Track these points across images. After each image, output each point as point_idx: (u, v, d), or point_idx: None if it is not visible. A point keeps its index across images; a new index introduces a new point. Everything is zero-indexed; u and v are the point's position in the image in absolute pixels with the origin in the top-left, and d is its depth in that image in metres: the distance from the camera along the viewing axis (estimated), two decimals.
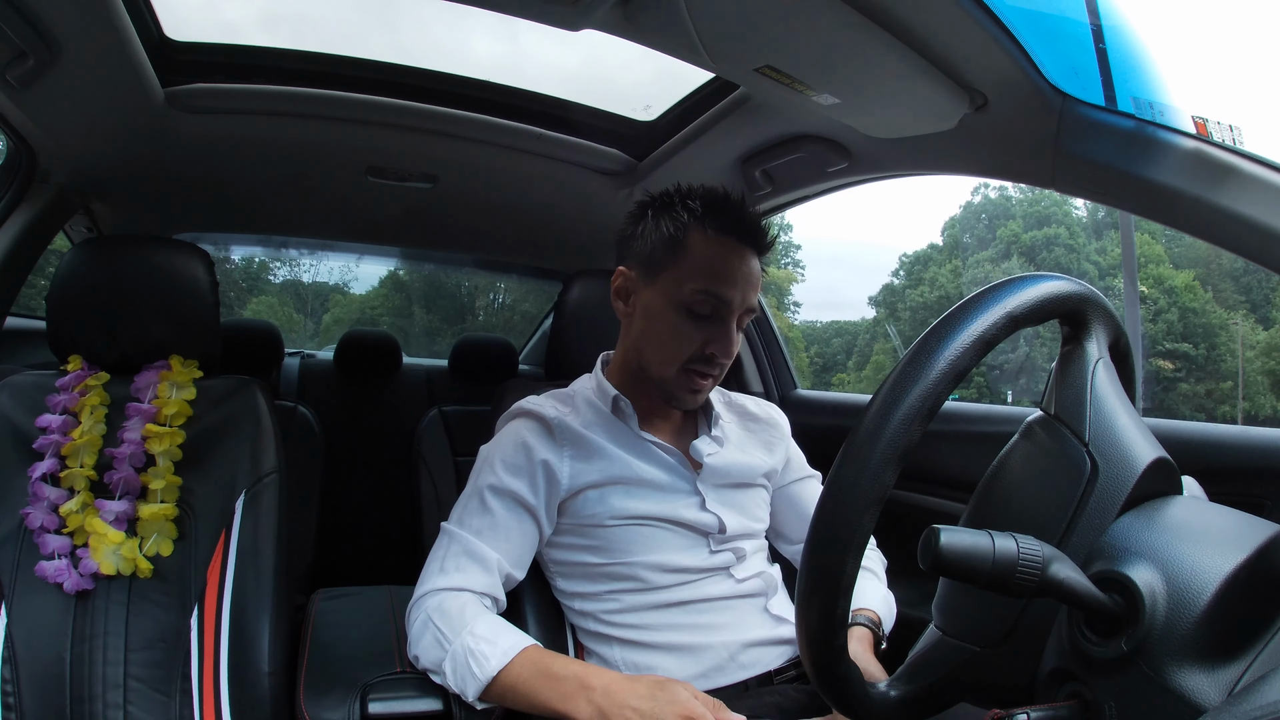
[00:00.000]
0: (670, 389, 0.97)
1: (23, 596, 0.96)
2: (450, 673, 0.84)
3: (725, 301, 0.93)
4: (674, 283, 0.93)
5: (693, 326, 0.93)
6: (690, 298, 0.92)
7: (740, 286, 0.93)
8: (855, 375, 18.10)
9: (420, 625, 0.88)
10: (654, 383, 0.98)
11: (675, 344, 0.94)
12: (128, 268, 1.10)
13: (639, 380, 1.01)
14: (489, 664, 0.82)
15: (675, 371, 0.95)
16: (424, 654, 0.87)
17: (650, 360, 0.97)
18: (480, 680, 0.82)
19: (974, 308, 0.50)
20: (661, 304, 0.95)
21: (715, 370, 0.96)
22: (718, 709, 0.76)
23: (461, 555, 0.91)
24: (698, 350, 0.94)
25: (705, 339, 0.93)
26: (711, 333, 0.93)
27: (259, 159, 1.43)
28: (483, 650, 0.83)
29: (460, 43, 1.35)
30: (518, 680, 0.81)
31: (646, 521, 0.95)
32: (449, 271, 6.41)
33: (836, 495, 0.48)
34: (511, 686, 0.81)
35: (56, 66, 0.99)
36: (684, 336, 0.93)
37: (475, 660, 0.83)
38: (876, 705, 0.54)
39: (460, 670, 0.83)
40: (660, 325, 0.95)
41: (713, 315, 0.93)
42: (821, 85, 0.90)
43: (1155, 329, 14.67)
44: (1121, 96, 0.76)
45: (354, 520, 2.05)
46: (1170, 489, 0.54)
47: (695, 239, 0.94)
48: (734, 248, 0.94)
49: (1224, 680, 0.42)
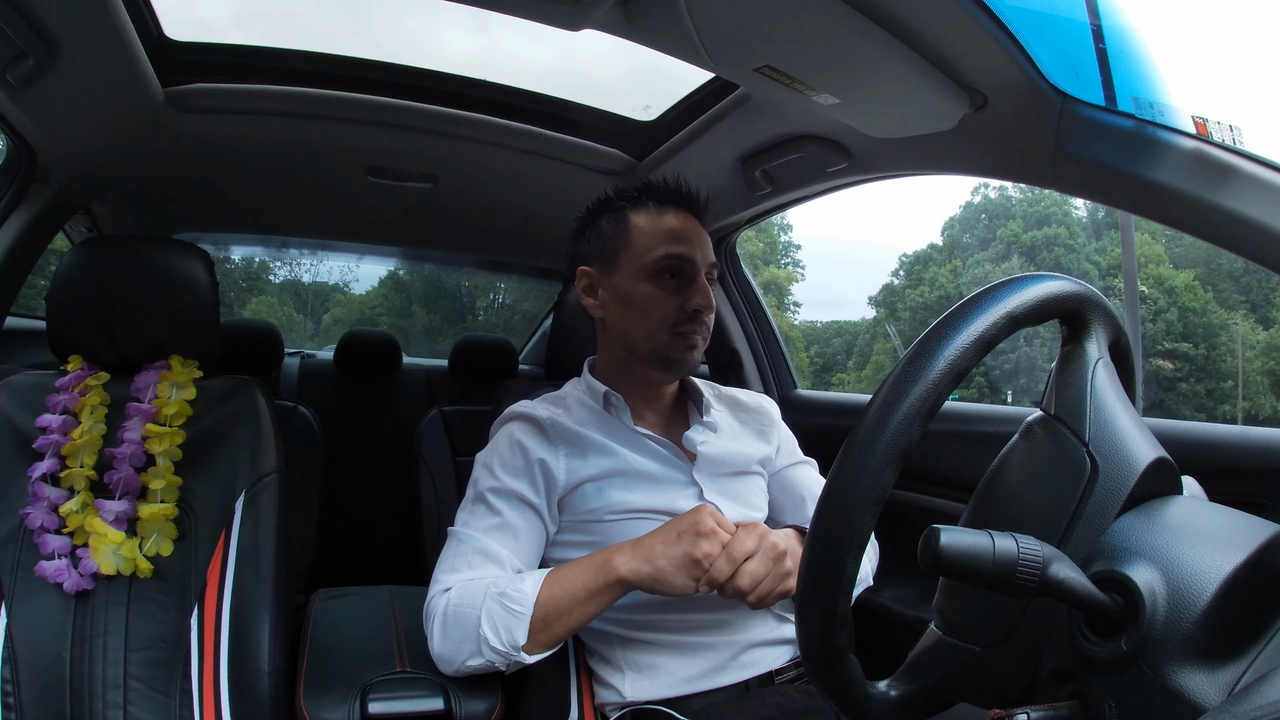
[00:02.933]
0: (666, 354, 0.98)
1: (23, 596, 0.96)
2: (491, 631, 0.83)
3: (689, 259, 0.97)
4: (635, 259, 0.98)
5: (668, 290, 0.97)
6: (656, 265, 0.97)
7: (696, 244, 0.99)
8: (855, 375, 18.11)
9: (440, 617, 0.87)
10: (648, 358, 0.99)
11: (658, 311, 0.97)
12: (128, 268, 1.10)
13: (628, 372, 1.02)
14: (525, 595, 0.84)
15: (666, 336, 0.97)
16: (454, 638, 0.86)
17: (638, 337, 0.99)
18: (525, 612, 0.83)
19: (974, 308, 0.50)
20: (630, 282, 0.98)
21: (701, 327, 0.98)
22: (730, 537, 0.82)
23: (473, 554, 0.91)
24: (680, 310, 0.97)
25: (684, 298, 0.97)
26: (687, 291, 0.97)
27: (259, 159, 1.43)
28: (515, 587, 0.85)
29: (432, 38, 1.36)
30: (556, 591, 0.84)
31: (645, 515, 0.95)
32: (449, 271, 6.41)
33: (836, 495, 0.48)
34: (553, 601, 0.84)
35: (56, 66, 0.99)
36: (663, 301, 0.97)
37: (510, 599, 0.84)
38: (876, 705, 0.54)
39: (501, 618, 0.83)
40: (637, 301, 0.98)
41: (682, 274, 0.97)
42: (821, 85, 0.90)
43: (1155, 329, 14.67)
44: (1121, 96, 0.76)
45: (354, 520, 2.05)
46: (1170, 489, 0.54)
47: (639, 218, 1.00)
48: (676, 213, 1.00)
49: (1224, 680, 0.42)
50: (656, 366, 1.00)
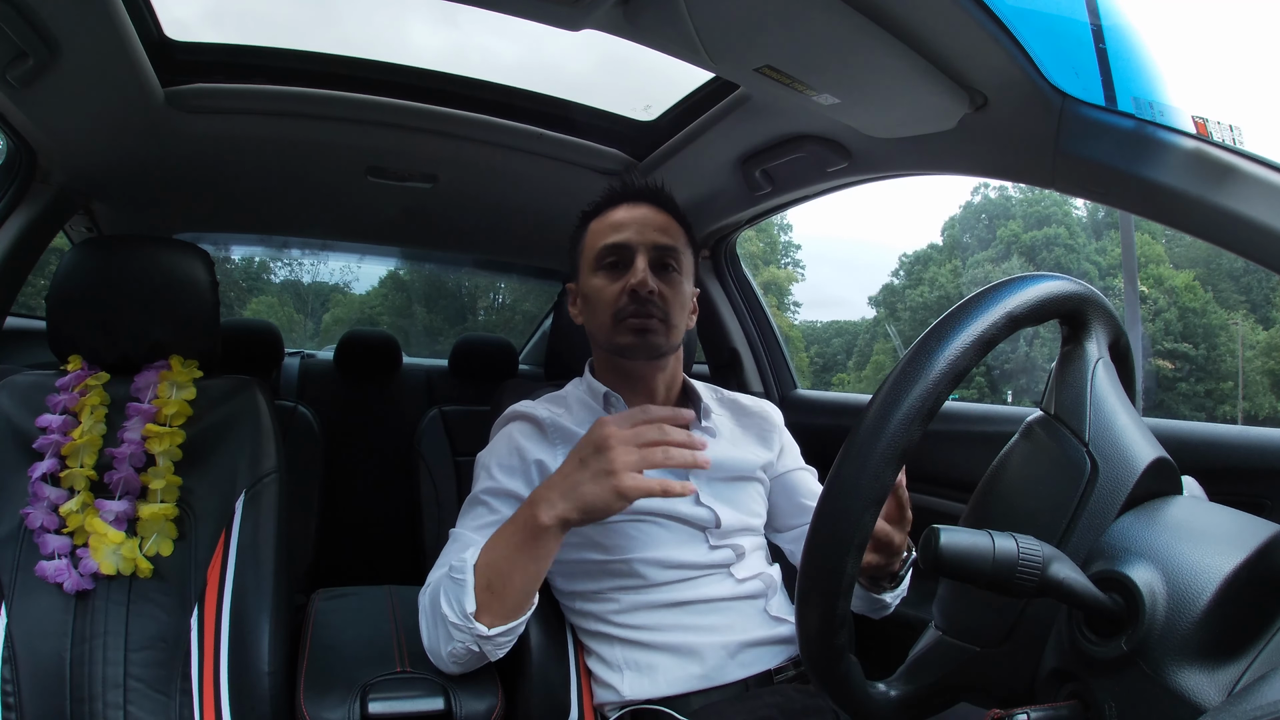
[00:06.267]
0: (617, 343, 0.99)
1: (23, 596, 0.96)
2: (446, 606, 0.84)
3: (624, 245, 0.99)
4: (587, 259, 1.03)
5: (610, 278, 1.00)
6: (599, 258, 1.01)
7: (637, 229, 1.00)
8: (855, 375, 18.12)
9: (421, 612, 0.89)
10: (609, 349, 1.02)
11: (601, 299, 1.00)
12: (128, 268, 1.10)
13: (617, 370, 1.03)
14: (466, 563, 0.84)
15: (611, 322, 0.99)
16: (430, 626, 0.88)
17: (596, 331, 1.03)
18: (466, 579, 0.83)
19: (974, 308, 0.50)
20: (585, 279, 1.03)
21: (646, 309, 0.97)
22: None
23: (465, 552, 0.91)
24: (620, 295, 0.98)
25: (622, 283, 0.98)
26: (625, 276, 0.99)
27: (259, 159, 1.43)
28: (458, 559, 0.86)
29: (401, 32, 1.37)
30: (492, 554, 0.84)
31: (643, 517, 0.95)
32: (449, 271, 6.42)
33: (836, 495, 0.48)
34: (491, 565, 0.84)
35: (56, 66, 0.99)
36: (605, 289, 1.00)
37: (455, 570, 0.85)
38: (876, 705, 0.54)
39: (452, 591, 0.84)
40: (589, 295, 1.02)
41: (621, 261, 1.00)
42: (821, 85, 0.90)
43: (1155, 329, 14.67)
44: (1121, 96, 0.76)
45: (354, 520, 2.05)
46: (1170, 489, 0.54)
47: (593, 223, 1.05)
48: (623, 207, 1.03)
49: (1224, 680, 0.42)
50: (616, 354, 1.02)
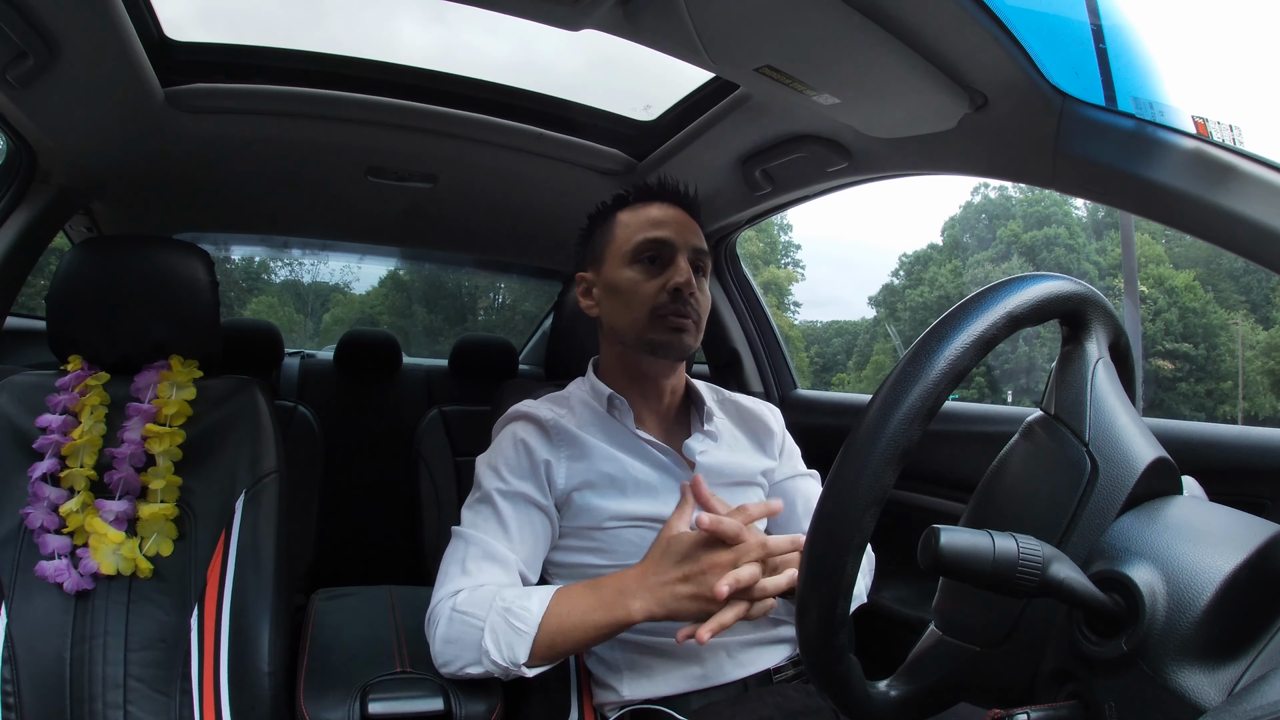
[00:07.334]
0: (651, 339, 0.98)
1: (23, 596, 0.96)
2: (494, 645, 0.83)
3: (666, 242, 0.99)
4: (618, 250, 1.01)
5: (648, 274, 0.99)
6: (636, 250, 0.99)
7: (677, 229, 1.00)
8: (855, 375, 18.12)
9: (445, 623, 0.86)
10: (636, 345, 0.99)
11: (639, 294, 0.98)
12: (128, 268, 1.10)
13: (628, 369, 1.02)
14: (531, 614, 0.83)
15: (648, 319, 0.97)
16: (456, 644, 0.85)
17: (624, 324, 1.00)
18: (529, 632, 0.82)
19: (974, 308, 0.50)
20: (615, 271, 1.01)
21: (686, 308, 0.97)
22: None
23: (480, 558, 0.90)
24: (660, 290, 0.97)
25: (664, 280, 0.98)
26: (667, 273, 0.98)
27: (259, 159, 1.43)
28: (520, 605, 0.84)
29: (390, 30, 1.37)
30: (564, 619, 0.83)
31: (642, 523, 0.95)
32: (449, 271, 6.40)
33: (836, 495, 0.48)
34: (559, 626, 0.83)
35: (56, 66, 0.99)
36: (643, 284, 0.98)
37: (516, 616, 0.83)
38: (876, 705, 0.54)
39: (504, 634, 0.83)
40: (620, 288, 1.00)
41: (661, 258, 0.99)
42: (821, 85, 0.90)
43: (1155, 329, 14.67)
44: (1121, 96, 0.76)
45: (354, 520, 2.05)
46: (1170, 489, 0.54)
47: (624, 215, 1.03)
48: (660, 205, 1.02)
49: (1224, 680, 0.42)
50: (645, 351, 1.00)
